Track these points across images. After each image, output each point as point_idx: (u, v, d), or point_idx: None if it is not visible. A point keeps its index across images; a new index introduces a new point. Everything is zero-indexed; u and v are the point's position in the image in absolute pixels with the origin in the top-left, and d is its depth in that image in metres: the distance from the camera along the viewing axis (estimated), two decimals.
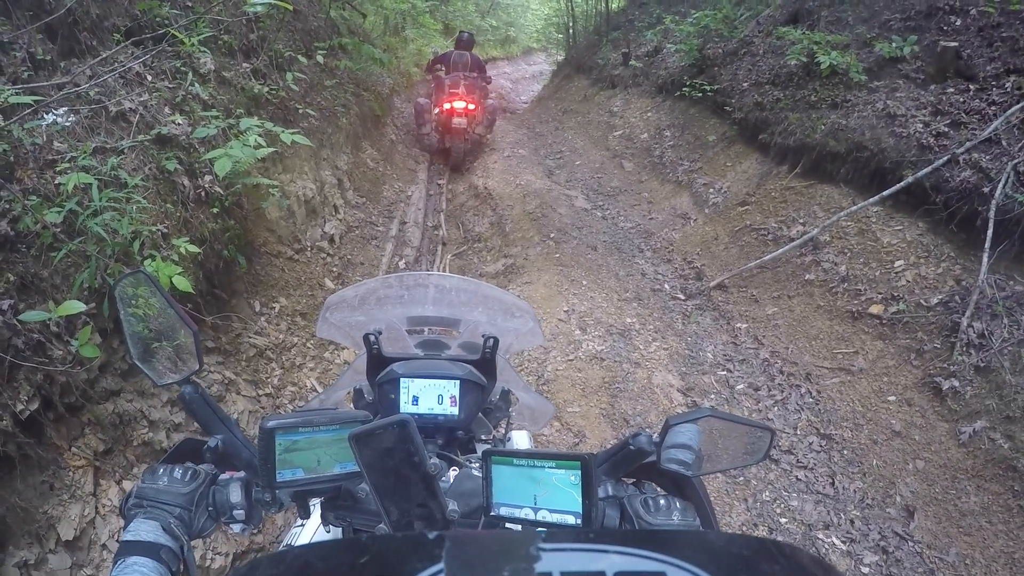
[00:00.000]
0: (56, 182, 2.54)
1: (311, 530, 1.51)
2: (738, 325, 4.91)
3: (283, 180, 4.63)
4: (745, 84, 7.19)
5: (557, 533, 0.61)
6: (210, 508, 0.99)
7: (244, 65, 4.42)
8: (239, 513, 1.00)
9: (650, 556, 0.51)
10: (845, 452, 3.70)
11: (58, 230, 2.42)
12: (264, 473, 0.93)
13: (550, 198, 7.15)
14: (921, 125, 4.94)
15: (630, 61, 10.20)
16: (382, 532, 1.05)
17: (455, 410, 1.38)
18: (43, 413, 2.25)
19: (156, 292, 1.00)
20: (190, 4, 4.02)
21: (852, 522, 3.27)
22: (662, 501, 0.97)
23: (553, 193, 7.38)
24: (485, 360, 1.43)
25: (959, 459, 3.43)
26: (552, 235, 6.18)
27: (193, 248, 2.90)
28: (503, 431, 1.64)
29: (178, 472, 0.99)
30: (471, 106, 8.14)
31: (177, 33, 3.49)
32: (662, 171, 7.82)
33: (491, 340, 1.41)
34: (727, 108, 7.27)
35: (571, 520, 0.86)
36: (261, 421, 0.93)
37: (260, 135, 3.22)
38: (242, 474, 1.04)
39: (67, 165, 2.59)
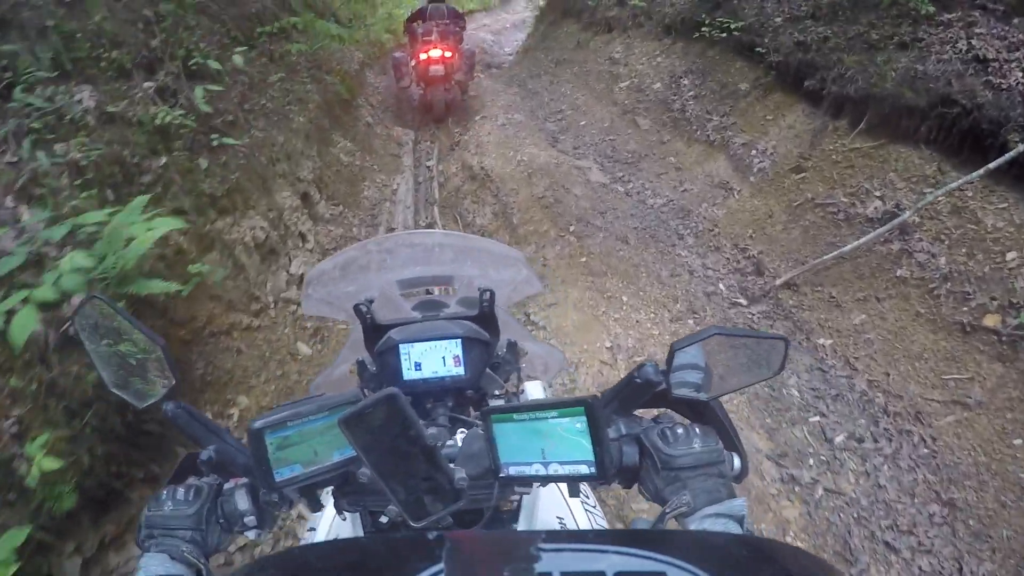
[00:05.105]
0: None
1: (329, 518, 1.40)
2: (820, 341, 3.91)
3: (219, 228, 3.55)
4: (778, 19, 6.02)
5: (557, 533, 0.63)
6: (220, 521, 0.92)
7: (145, 85, 3.30)
8: (250, 520, 0.92)
9: (650, 556, 0.53)
10: (971, 523, 2.83)
11: None
12: (261, 475, 0.86)
13: (560, 175, 6.06)
14: (1021, 74, 3.89)
15: None
16: (392, 512, 0.98)
17: (460, 369, 1.31)
18: None
19: (116, 315, 0.97)
20: (49, 23, 2.87)
21: None
22: (680, 430, 0.90)
23: (563, 168, 6.28)
24: (484, 314, 1.36)
25: None
26: (572, 227, 5.14)
27: (52, 462, 1.91)
28: (516, 385, 1.56)
29: (180, 493, 0.91)
30: (447, 53, 8.01)
31: None
32: (687, 128, 6.67)
33: (487, 293, 1.33)
34: (758, 49, 6.11)
35: (584, 469, 0.77)
36: (248, 423, 0.83)
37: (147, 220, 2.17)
38: (246, 480, 0.94)
39: None
